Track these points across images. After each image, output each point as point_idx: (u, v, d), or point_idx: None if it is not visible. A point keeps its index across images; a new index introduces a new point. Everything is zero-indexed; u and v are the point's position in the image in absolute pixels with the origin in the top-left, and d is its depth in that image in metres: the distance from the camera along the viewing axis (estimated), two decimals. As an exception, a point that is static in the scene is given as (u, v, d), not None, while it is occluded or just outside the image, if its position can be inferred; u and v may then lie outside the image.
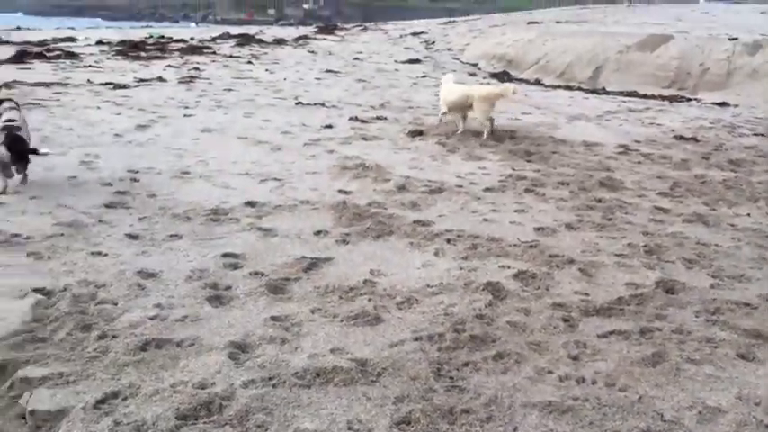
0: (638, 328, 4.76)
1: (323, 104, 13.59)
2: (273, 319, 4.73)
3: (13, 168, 7.41)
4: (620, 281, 5.61)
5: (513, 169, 8.96)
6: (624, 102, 15.80)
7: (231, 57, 21.93)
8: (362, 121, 11.88)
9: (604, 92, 17.72)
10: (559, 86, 18.55)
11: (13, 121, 7.64)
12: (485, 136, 10.73)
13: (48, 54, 20.64)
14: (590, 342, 4.58)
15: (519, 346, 4.50)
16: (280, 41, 28.16)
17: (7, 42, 24.98)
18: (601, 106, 14.89)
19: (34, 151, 7.52)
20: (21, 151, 7.38)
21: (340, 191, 7.77)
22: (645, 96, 16.95)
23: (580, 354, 4.41)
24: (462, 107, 11.02)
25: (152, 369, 4.07)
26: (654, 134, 11.91)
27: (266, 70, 19.03)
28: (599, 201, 7.79)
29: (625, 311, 5.04)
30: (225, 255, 5.81)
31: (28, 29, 37.30)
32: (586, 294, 5.32)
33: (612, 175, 8.85)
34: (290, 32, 33.54)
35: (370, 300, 5.05)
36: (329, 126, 11.40)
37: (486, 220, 7.00)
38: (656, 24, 25.67)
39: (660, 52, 19.12)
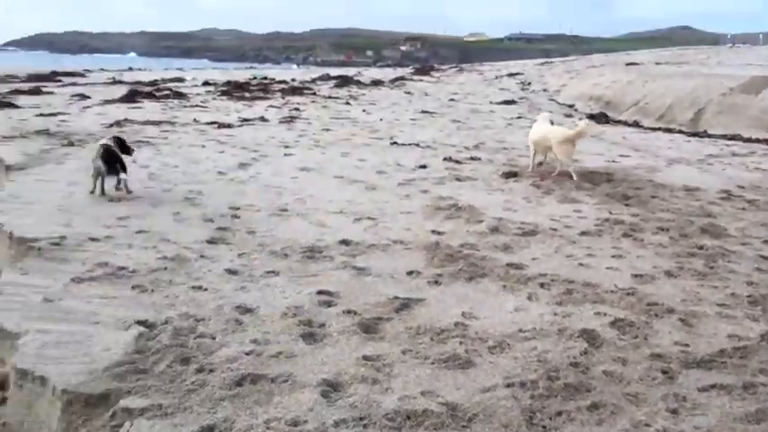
0: (741, 383, 4.52)
1: (417, 145, 13.70)
2: (365, 358, 4.74)
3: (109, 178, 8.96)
4: (723, 332, 5.36)
5: (611, 213, 8.76)
6: (727, 145, 15.28)
7: (330, 97, 22.39)
8: (456, 162, 11.89)
9: (706, 135, 17.16)
10: (659, 129, 18.11)
11: (108, 145, 9.00)
12: (574, 177, 10.61)
13: (157, 94, 21.58)
14: (690, 395, 4.40)
15: (615, 396, 4.36)
16: (377, 83, 28.62)
17: (120, 82, 26.25)
18: (702, 150, 14.45)
19: (122, 165, 8.94)
20: (113, 162, 8.82)
21: (433, 231, 7.76)
22: (749, 140, 16.25)
23: (679, 407, 4.23)
24: (544, 147, 10.99)
25: (247, 404, 4.14)
26: (759, 179, 11.42)
27: (363, 111, 19.34)
28: (700, 248, 7.50)
29: (728, 365, 4.81)
30: (319, 292, 5.87)
31: (140, 69, 39.08)
32: (686, 345, 5.10)
33: (715, 222, 8.52)
34: (387, 74, 34.05)
35: (461, 343, 5.00)
36: (423, 166, 11.46)
37: (581, 264, 6.85)
38: (760, 66, 24.88)
39: (765, 95, 18.44)
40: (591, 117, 19.95)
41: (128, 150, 9.62)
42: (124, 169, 8.89)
